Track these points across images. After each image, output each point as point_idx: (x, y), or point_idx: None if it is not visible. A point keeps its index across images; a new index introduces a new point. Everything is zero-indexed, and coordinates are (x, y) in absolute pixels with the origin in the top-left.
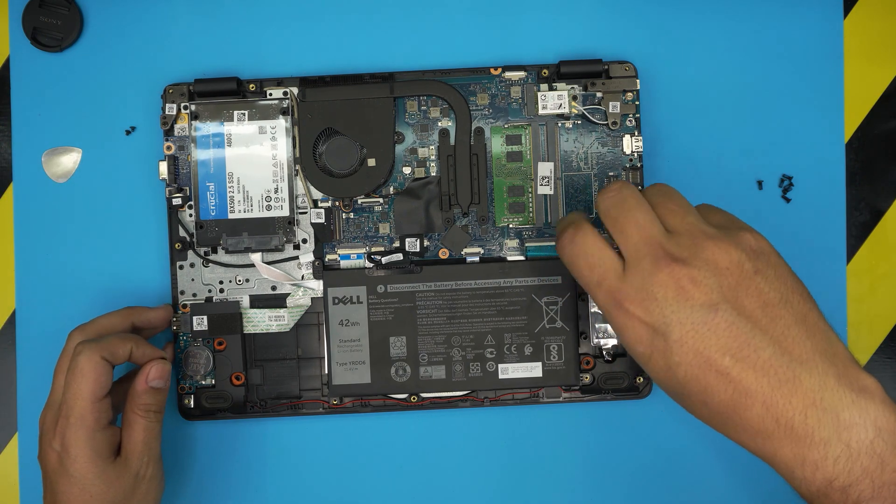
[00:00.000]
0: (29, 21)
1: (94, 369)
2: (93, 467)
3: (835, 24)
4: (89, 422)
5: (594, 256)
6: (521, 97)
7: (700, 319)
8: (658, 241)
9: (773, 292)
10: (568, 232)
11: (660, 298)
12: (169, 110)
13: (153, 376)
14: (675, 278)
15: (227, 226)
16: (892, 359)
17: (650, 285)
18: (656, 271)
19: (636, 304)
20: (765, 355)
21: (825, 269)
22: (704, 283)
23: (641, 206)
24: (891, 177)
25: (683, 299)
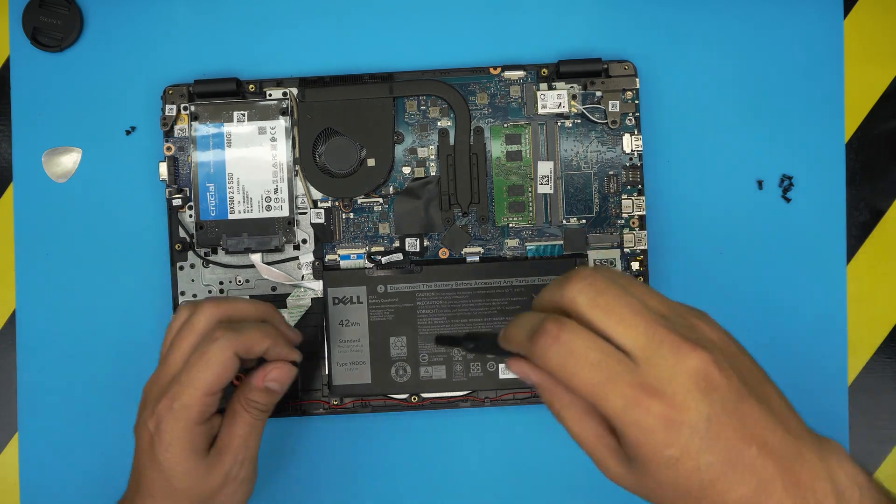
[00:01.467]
0: (29, 21)
1: (222, 363)
2: (183, 461)
3: (835, 24)
4: (193, 414)
5: (595, 351)
6: (520, 97)
7: (731, 409)
8: (665, 325)
9: (757, 368)
10: (548, 331)
11: (693, 390)
12: (169, 111)
13: (273, 378)
14: (703, 364)
15: (227, 226)
16: (892, 359)
17: (678, 375)
18: (682, 359)
19: (668, 401)
20: (778, 436)
21: (825, 269)
22: (725, 367)
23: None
24: (891, 177)
25: (714, 389)
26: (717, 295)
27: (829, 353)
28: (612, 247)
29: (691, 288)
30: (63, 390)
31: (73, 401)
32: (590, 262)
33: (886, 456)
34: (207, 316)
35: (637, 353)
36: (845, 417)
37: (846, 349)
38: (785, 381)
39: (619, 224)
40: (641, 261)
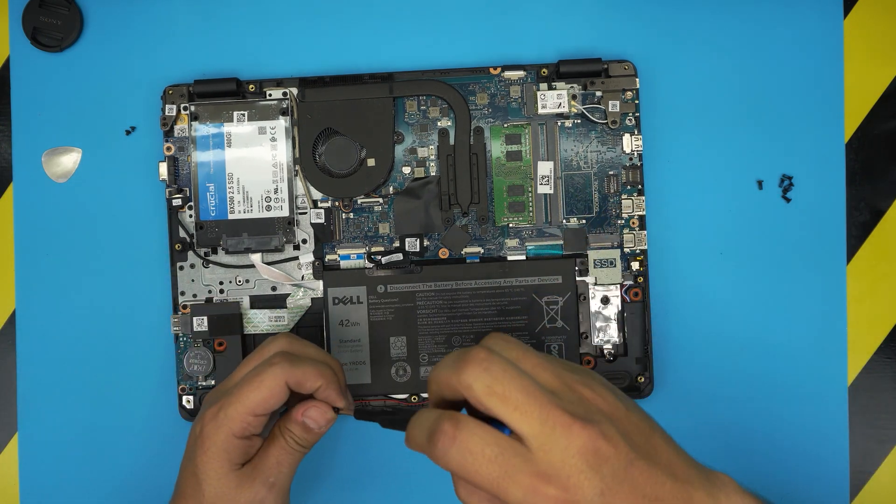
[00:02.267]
0: (29, 21)
1: (270, 388)
2: (217, 468)
3: (835, 24)
4: (234, 427)
5: (491, 447)
6: (520, 96)
7: (622, 477)
8: (557, 406)
9: (643, 423)
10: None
11: (585, 469)
12: (169, 111)
13: (310, 416)
14: (591, 441)
15: (227, 226)
16: (891, 359)
17: (571, 457)
18: (573, 439)
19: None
20: (667, 487)
21: (825, 269)
22: (612, 437)
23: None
24: (891, 177)
25: (604, 461)
26: (717, 295)
27: (829, 353)
28: (612, 247)
29: (691, 288)
30: (63, 390)
31: (73, 401)
32: (590, 261)
33: (886, 456)
34: (278, 345)
35: (531, 440)
36: (845, 417)
37: (846, 349)
38: (785, 381)
39: (619, 224)
40: (641, 261)
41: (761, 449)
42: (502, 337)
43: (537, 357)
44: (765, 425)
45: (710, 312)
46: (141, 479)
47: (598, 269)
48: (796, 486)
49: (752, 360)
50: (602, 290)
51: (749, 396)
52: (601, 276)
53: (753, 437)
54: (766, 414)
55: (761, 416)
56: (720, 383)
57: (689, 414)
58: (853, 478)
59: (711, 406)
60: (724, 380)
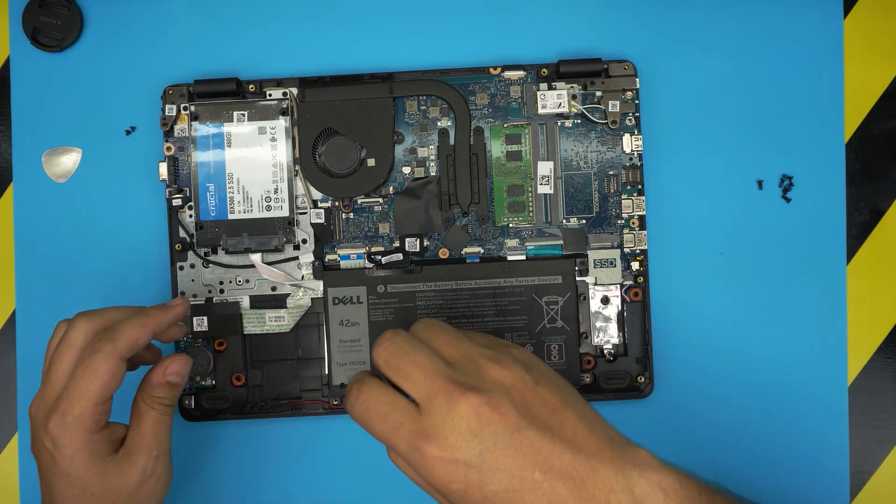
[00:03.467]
0: (29, 21)
1: (108, 371)
2: (92, 467)
3: (835, 24)
4: (88, 423)
5: (384, 405)
6: (520, 96)
7: (506, 442)
8: (444, 375)
9: (554, 397)
10: (352, 392)
11: (464, 431)
12: (169, 111)
13: (172, 371)
14: (473, 407)
15: (227, 226)
16: (891, 359)
17: (451, 420)
18: (453, 405)
19: (440, 442)
20: (566, 459)
21: (825, 269)
22: (500, 405)
23: (418, 347)
24: (891, 177)
25: (487, 426)
26: (716, 295)
27: (829, 353)
28: (612, 247)
29: (691, 288)
30: None
31: None
32: (590, 261)
33: (886, 456)
34: (83, 329)
35: (421, 403)
36: (845, 417)
37: (846, 349)
38: (785, 381)
39: (619, 224)
40: (641, 261)
41: (761, 449)
42: (426, 321)
43: (448, 334)
44: (764, 425)
45: (711, 312)
46: None
47: (598, 269)
48: (796, 486)
49: (752, 360)
50: (602, 290)
51: (749, 396)
52: (601, 276)
53: (753, 437)
54: (766, 414)
55: (761, 416)
56: (720, 383)
57: (689, 413)
58: (853, 478)
59: (711, 406)
60: (724, 379)
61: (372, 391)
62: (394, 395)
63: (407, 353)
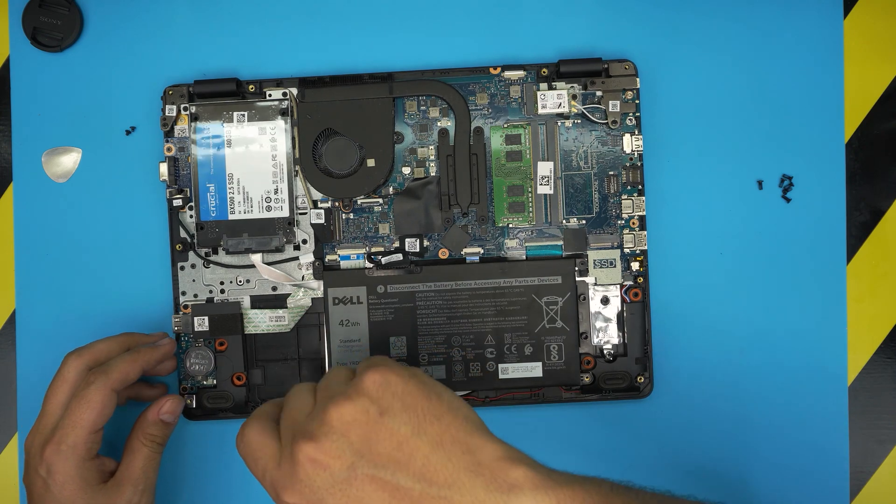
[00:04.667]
0: (29, 21)
1: (101, 401)
2: (81, 494)
3: (835, 24)
4: (81, 451)
5: (256, 449)
6: (520, 96)
7: (345, 485)
8: (298, 423)
9: (403, 427)
10: (241, 427)
11: (304, 479)
12: (169, 111)
13: (166, 410)
14: (308, 456)
15: (228, 227)
16: (892, 359)
17: (295, 469)
18: (296, 453)
19: (290, 490)
20: (415, 494)
21: (825, 269)
22: (333, 449)
23: (303, 390)
24: (891, 177)
25: (322, 472)
26: (716, 295)
27: (829, 353)
28: (612, 247)
29: (691, 288)
30: None
31: None
32: (590, 262)
33: (886, 456)
34: (75, 366)
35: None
36: (845, 417)
37: (846, 349)
38: (785, 381)
39: (619, 224)
40: (641, 261)
41: (761, 448)
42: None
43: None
44: (764, 425)
45: (710, 312)
46: None
47: (598, 269)
48: (796, 486)
49: (751, 360)
50: (602, 291)
51: (748, 396)
52: (601, 276)
53: (753, 437)
54: (766, 413)
55: (761, 416)
56: (720, 383)
57: (689, 414)
58: (853, 478)
59: (711, 406)
60: (724, 380)
61: (249, 429)
62: (265, 438)
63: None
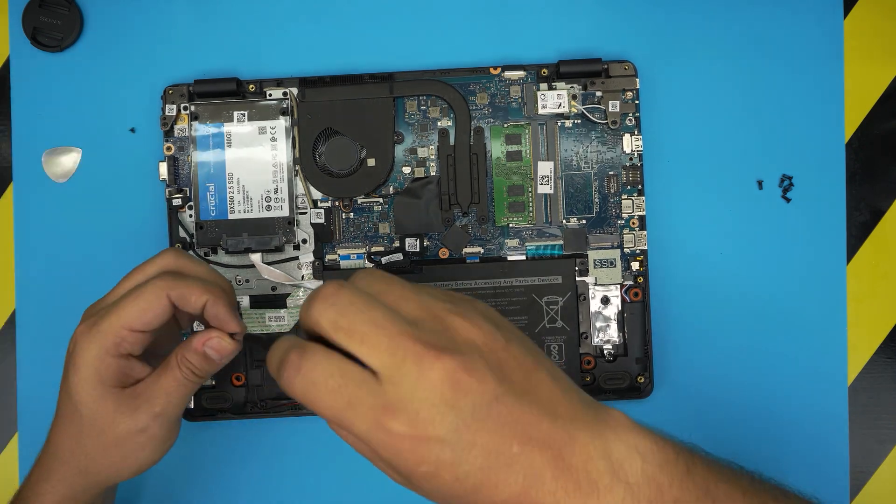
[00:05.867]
0: (29, 21)
1: (151, 301)
2: (90, 388)
3: (835, 24)
4: (108, 342)
5: (335, 376)
6: (520, 97)
7: (485, 414)
8: (411, 336)
9: (527, 357)
10: (290, 361)
11: (438, 403)
12: (169, 111)
13: (212, 346)
14: (448, 374)
15: (227, 226)
16: (892, 359)
17: (422, 390)
18: (426, 371)
19: (410, 417)
20: (544, 427)
21: (825, 269)
22: (477, 369)
23: (372, 303)
24: (891, 177)
25: (464, 395)
26: (717, 295)
27: (829, 353)
28: (611, 247)
29: (691, 288)
30: None
31: None
32: (590, 262)
33: (886, 456)
34: (160, 264)
35: (382, 371)
36: (845, 417)
37: (846, 349)
38: (785, 381)
39: (619, 224)
40: (641, 261)
41: (761, 448)
42: (369, 271)
43: (403, 288)
44: (764, 425)
45: (710, 313)
46: (141, 478)
47: (598, 269)
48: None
49: (751, 360)
50: (602, 290)
51: (749, 396)
52: (601, 276)
53: (753, 437)
54: (766, 414)
55: (761, 416)
56: (720, 383)
57: (689, 414)
58: (853, 478)
59: (711, 406)
60: (724, 380)
61: (318, 361)
62: (346, 364)
63: (360, 311)
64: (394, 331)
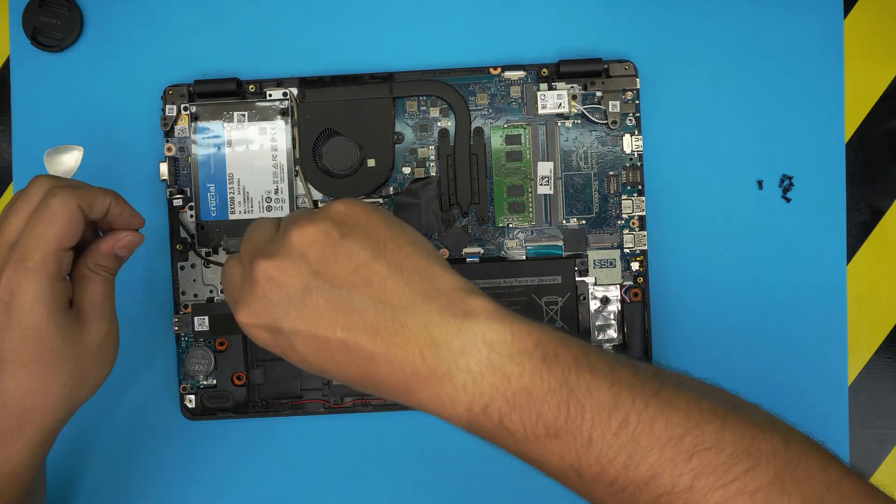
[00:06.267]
0: (29, 21)
1: (66, 215)
2: (53, 318)
3: (835, 24)
4: (51, 269)
5: (230, 276)
6: (520, 97)
7: (300, 304)
8: (258, 247)
9: (363, 251)
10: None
11: (261, 297)
12: (169, 111)
13: (123, 245)
14: (265, 274)
15: (228, 226)
16: (892, 359)
17: (252, 288)
18: (254, 272)
19: (248, 310)
20: (369, 315)
21: (825, 269)
22: (291, 268)
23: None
24: (891, 177)
25: (278, 290)
26: (717, 295)
27: (829, 353)
28: (612, 247)
29: (691, 288)
30: None
31: None
32: (590, 262)
33: (886, 456)
34: (43, 185)
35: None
36: (845, 417)
37: (846, 349)
38: (785, 382)
39: (619, 224)
40: (641, 261)
41: None
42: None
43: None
44: None
45: (710, 312)
46: (141, 478)
47: (598, 269)
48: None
49: (751, 360)
50: (602, 291)
51: (748, 396)
52: (601, 276)
53: None
54: None
55: None
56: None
57: None
58: None
59: None
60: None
61: (229, 261)
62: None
63: (249, 232)
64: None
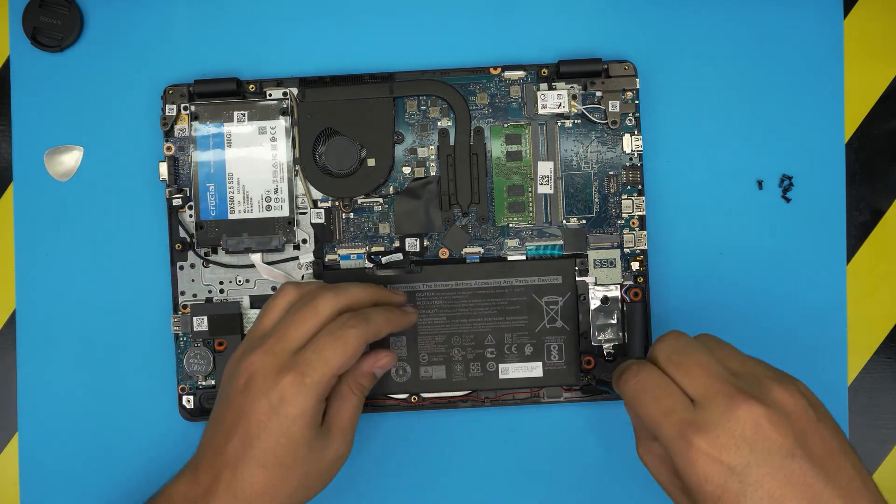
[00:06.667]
0: (29, 21)
1: (356, 348)
2: (307, 433)
3: (835, 24)
4: (321, 391)
5: (660, 388)
6: (520, 97)
7: (778, 464)
8: (727, 380)
9: (834, 441)
10: (631, 368)
11: (737, 436)
12: (169, 111)
13: (382, 365)
14: (752, 416)
15: (227, 226)
16: (891, 359)
17: (727, 421)
18: (733, 407)
19: (711, 438)
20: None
21: (825, 269)
22: (780, 424)
23: (702, 349)
24: (891, 177)
25: (762, 440)
26: (717, 295)
27: (829, 353)
28: (612, 247)
29: (691, 288)
30: (63, 390)
31: (73, 401)
32: (590, 261)
33: (886, 456)
34: (331, 304)
35: (697, 398)
36: (845, 417)
37: (846, 349)
38: None
39: (619, 224)
40: (641, 261)
41: None
42: (708, 335)
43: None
44: None
45: (710, 312)
46: (141, 478)
47: (598, 269)
48: None
49: None
50: (602, 290)
51: None
52: (601, 276)
53: None
54: None
55: None
56: None
57: None
58: None
59: None
60: None
61: (651, 373)
62: (671, 383)
63: (691, 353)
64: (713, 372)
